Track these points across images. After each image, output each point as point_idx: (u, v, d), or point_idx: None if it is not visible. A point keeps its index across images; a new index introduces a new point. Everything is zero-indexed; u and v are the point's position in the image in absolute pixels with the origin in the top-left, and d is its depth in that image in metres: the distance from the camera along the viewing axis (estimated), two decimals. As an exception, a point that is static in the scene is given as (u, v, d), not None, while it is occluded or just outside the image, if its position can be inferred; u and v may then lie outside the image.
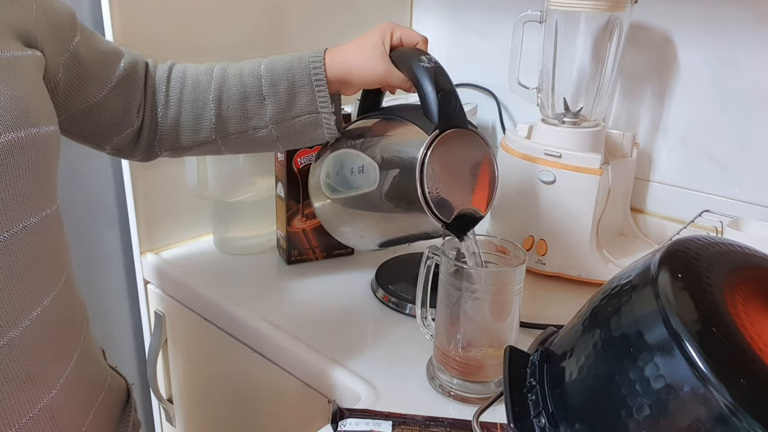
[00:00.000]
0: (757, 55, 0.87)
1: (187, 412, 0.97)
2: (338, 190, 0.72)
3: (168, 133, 0.68)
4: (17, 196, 0.43)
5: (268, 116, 0.67)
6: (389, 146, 0.67)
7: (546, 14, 0.88)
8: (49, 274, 0.48)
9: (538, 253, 0.88)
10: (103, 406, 0.57)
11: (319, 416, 0.71)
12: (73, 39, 0.57)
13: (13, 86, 0.42)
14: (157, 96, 0.67)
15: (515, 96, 0.96)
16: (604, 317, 0.45)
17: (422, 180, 0.62)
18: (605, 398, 0.41)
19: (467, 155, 0.66)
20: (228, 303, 0.80)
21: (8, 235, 0.43)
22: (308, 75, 0.66)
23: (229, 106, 0.67)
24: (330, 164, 0.73)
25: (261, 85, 0.67)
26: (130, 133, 0.66)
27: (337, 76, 0.67)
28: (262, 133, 0.68)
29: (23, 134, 0.42)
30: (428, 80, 0.64)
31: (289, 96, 0.66)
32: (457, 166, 0.65)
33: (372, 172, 0.67)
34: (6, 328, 0.43)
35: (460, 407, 0.63)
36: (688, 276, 0.42)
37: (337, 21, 1.09)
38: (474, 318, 0.62)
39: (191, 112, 0.67)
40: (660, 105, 0.97)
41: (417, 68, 0.64)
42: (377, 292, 0.83)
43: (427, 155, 0.62)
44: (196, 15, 0.89)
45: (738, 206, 0.92)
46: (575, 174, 0.84)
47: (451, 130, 0.64)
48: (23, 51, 0.46)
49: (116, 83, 0.63)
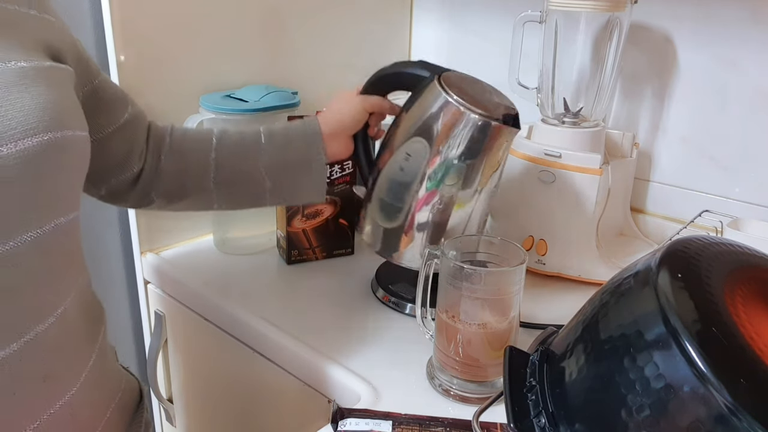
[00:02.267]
0: (757, 54, 0.87)
1: (187, 412, 0.97)
2: (401, 199, 0.73)
3: (170, 179, 0.69)
4: (50, 195, 0.45)
5: (264, 164, 0.70)
6: (406, 127, 0.72)
7: (546, 14, 0.88)
8: (72, 274, 0.50)
9: (538, 253, 0.88)
10: (119, 406, 0.59)
11: (319, 416, 0.71)
12: (98, 76, 0.62)
13: (50, 91, 0.44)
14: (162, 144, 0.69)
15: (515, 96, 0.96)
16: (604, 317, 0.45)
17: (463, 104, 0.67)
18: (605, 398, 0.41)
19: (471, 82, 0.73)
20: (228, 303, 0.81)
21: (40, 232, 0.44)
22: (302, 126, 0.73)
23: (228, 154, 0.70)
24: (377, 195, 0.75)
25: (260, 135, 0.71)
26: (129, 177, 0.68)
27: (326, 121, 0.74)
28: (256, 181, 0.71)
29: (59, 135, 0.44)
30: (402, 64, 0.75)
31: (285, 144, 0.71)
32: (473, 90, 0.71)
33: (418, 147, 0.70)
34: (32, 324, 0.45)
35: (460, 407, 0.63)
36: (688, 276, 0.42)
37: (337, 21, 1.09)
38: (474, 318, 0.62)
39: (194, 160, 0.70)
40: (660, 105, 0.97)
41: (391, 67, 0.75)
42: (377, 292, 0.83)
43: (449, 91, 0.68)
44: (196, 15, 0.89)
45: (738, 206, 0.92)
46: (575, 174, 0.84)
47: (446, 72, 0.71)
48: (58, 64, 0.48)
49: (122, 125, 0.65)
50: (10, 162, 0.41)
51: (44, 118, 0.43)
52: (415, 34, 1.24)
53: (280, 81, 1.00)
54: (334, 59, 1.10)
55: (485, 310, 0.62)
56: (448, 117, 0.68)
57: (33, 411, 0.46)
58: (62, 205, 0.47)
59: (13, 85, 0.42)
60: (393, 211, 0.73)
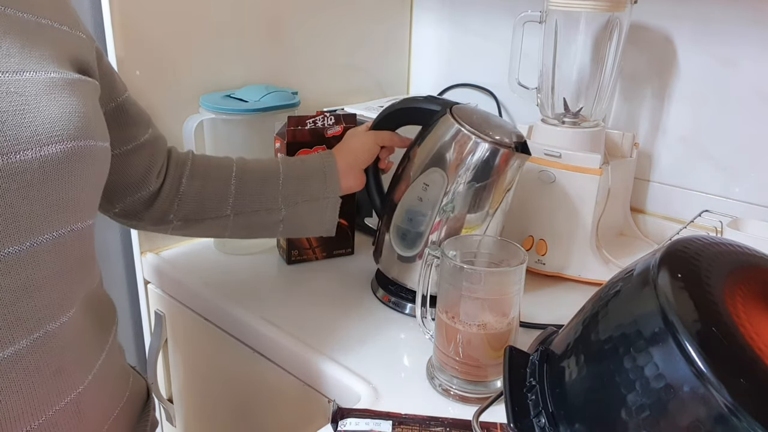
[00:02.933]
0: (757, 54, 0.87)
1: (187, 412, 0.97)
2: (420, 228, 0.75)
3: (190, 203, 0.71)
4: (69, 201, 0.47)
5: (282, 196, 0.73)
6: (420, 159, 0.75)
7: (546, 14, 0.88)
8: (85, 274, 0.52)
9: (538, 253, 0.88)
10: (127, 405, 0.60)
11: (319, 416, 0.71)
12: (123, 94, 0.65)
13: (77, 102, 0.47)
14: (184, 168, 0.71)
15: (515, 96, 0.96)
16: (604, 317, 0.45)
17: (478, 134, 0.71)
18: (605, 398, 0.41)
19: (480, 114, 0.76)
20: (228, 303, 0.81)
21: (57, 235, 0.46)
22: (320, 162, 0.76)
23: (248, 183, 0.73)
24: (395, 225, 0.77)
25: (278, 166, 0.75)
26: (145, 196, 0.68)
27: (342, 156, 0.78)
28: (271, 212, 0.73)
29: (82, 144, 0.46)
30: (411, 100, 0.81)
31: (302, 178, 0.74)
32: (483, 121, 0.74)
33: (435, 177, 0.73)
34: (47, 320, 0.47)
35: (460, 407, 0.63)
36: (688, 276, 0.42)
37: (337, 21, 1.09)
38: (474, 318, 0.62)
39: (215, 186, 0.72)
40: (660, 105, 0.97)
41: (400, 103, 0.80)
42: (377, 291, 0.83)
43: (462, 122, 0.72)
44: (196, 15, 0.89)
45: (738, 206, 0.92)
46: (575, 174, 0.84)
47: (457, 105, 0.75)
48: (85, 77, 0.50)
49: (142, 143, 0.67)
50: (33, 166, 0.43)
51: (69, 127, 0.45)
52: (415, 34, 1.24)
53: (280, 81, 1.00)
54: (334, 59, 1.10)
55: (485, 310, 0.62)
56: (462, 146, 0.71)
57: (40, 406, 0.47)
58: (80, 212, 0.49)
59: (42, 94, 0.44)
60: (412, 239, 0.76)
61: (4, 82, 0.43)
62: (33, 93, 0.44)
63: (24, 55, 0.45)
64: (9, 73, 0.43)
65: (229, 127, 0.89)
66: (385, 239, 0.79)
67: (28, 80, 0.44)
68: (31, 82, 0.44)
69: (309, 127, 0.85)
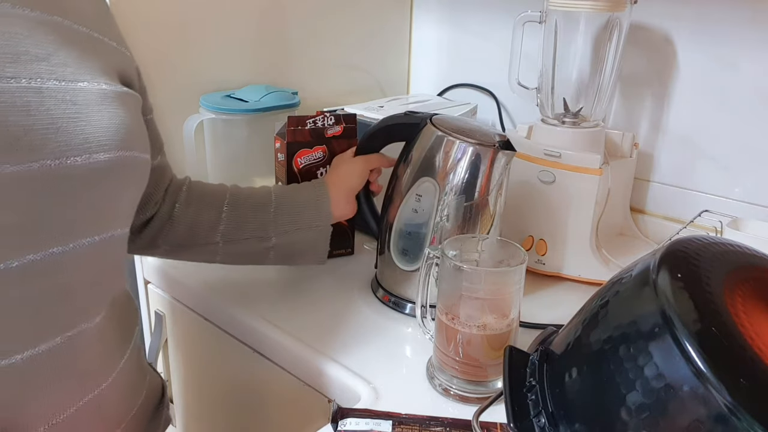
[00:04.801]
0: (757, 55, 0.87)
1: (187, 412, 0.97)
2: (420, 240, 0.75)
3: (180, 229, 0.71)
4: (110, 207, 0.49)
5: (272, 226, 0.73)
6: (409, 173, 0.75)
7: (546, 14, 0.88)
8: (116, 278, 0.55)
9: (538, 253, 0.88)
10: (145, 402, 0.61)
11: (319, 416, 0.71)
12: (149, 114, 0.66)
13: (125, 114, 0.49)
14: (179, 194, 0.72)
15: (515, 96, 0.96)
16: (604, 317, 0.45)
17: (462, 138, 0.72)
18: (605, 398, 0.41)
19: (460, 121, 0.78)
20: (228, 303, 0.81)
21: (97, 239, 0.49)
22: (313, 192, 0.76)
23: (239, 211, 0.73)
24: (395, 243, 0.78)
25: (270, 196, 0.75)
26: (141, 221, 0.70)
27: (335, 185, 0.78)
28: (261, 241, 0.73)
29: (127, 155, 0.48)
30: (390, 119, 0.80)
31: (294, 209, 0.74)
32: (463, 126, 0.75)
33: (426, 186, 0.73)
34: (78, 321, 0.49)
35: (460, 407, 0.63)
36: (688, 276, 0.42)
37: (337, 21, 1.09)
38: (474, 318, 0.62)
39: (206, 213, 0.72)
40: (660, 105, 0.97)
41: (379, 123, 0.80)
42: (377, 292, 0.83)
43: (444, 129, 0.73)
44: (196, 15, 0.89)
45: (737, 206, 0.92)
46: (575, 174, 0.84)
47: (436, 116, 0.77)
48: (131, 91, 0.53)
49: (153, 167, 0.67)
50: (81, 171, 0.45)
51: (116, 137, 0.47)
52: (415, 34, 1.24)
53: (280, 81, 1.00)
54: (334, 59, 1.11)
55: (485, 310, 0.62)
56: (447, 152, 0.72)
57: (64, 403, 0.49)
58: (119, 219, 0.51)
59: (94, 104, 0.46)
60: (414, 253, 0.76)
61: (61, 90, 0.45)
62: (85, 102, 0.46)
63: (79, 66, 0.47)
64: (65, 82, 0.45)
65: (229, 127, 0.89)
66: (386, 259, 0.79)
67: (82, 90, 0.46)
68: (85, 91, 0.46)
69: (309, 127, 0.85)
